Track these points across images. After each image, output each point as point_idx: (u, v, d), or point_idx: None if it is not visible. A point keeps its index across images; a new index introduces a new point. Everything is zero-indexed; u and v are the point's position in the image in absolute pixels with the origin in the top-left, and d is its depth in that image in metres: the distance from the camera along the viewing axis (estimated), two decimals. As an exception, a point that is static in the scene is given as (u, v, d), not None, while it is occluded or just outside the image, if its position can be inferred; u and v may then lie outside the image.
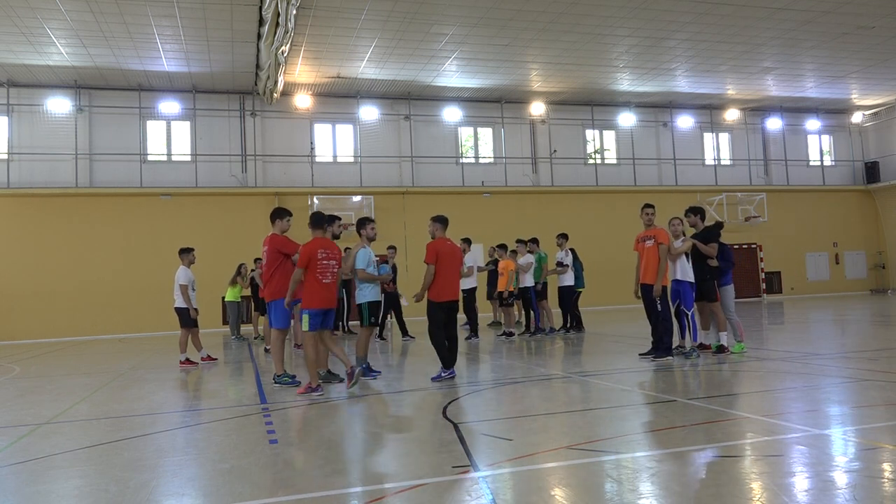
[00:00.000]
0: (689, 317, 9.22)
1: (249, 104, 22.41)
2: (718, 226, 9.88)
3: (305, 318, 7.57)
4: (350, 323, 16.32)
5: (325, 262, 7.66)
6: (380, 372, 8.86)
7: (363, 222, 8.61)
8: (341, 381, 8.20)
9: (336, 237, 8.52)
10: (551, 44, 19.43)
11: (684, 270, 9.20)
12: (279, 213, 8.54)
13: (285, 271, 8.20)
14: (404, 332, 14.27)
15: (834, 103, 27.60)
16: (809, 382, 7.05)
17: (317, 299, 7.58)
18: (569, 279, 13.70)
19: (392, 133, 23.79)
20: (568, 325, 14.08)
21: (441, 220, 8.47)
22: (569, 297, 13.87)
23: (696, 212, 9.83)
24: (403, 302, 13.60)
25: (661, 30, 18.65)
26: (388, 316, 14.18)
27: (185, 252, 11.17)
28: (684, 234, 9.45)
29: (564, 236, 14.02)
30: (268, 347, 12.96)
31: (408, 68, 20.91)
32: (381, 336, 13.94)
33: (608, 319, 18.17)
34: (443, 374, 8.07)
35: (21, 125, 20.69)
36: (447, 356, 8.11)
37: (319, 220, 8.01)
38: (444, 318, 8.17)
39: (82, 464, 4.89)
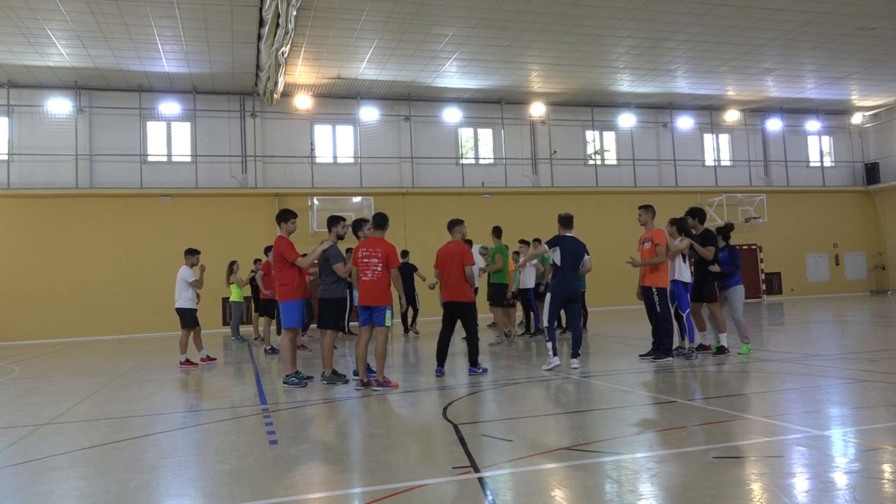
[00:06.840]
0: (685, 318, 9.20)
1: (249, 105, 22.41)
2: (727, 227, 9.83)
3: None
4: (350, 324, 16.29)
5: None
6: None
7: (359, 223, 8.65)
8: (346, 382, 8.22)
9: (340, 238, 8.57)
10: (551, 45, 19.42)
11: (680, 270, 9.18)
12: (284, 216, 8.64)
13: (294, 273, 8.27)
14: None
15: (834, 104, 27.59)
16: (810, 383, 7.05)
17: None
18: None
19: (392, 134, 23.78)
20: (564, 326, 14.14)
21: (448, 224, 8.97)
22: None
23: (695, 214, 9.74)
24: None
25: (661, 31, 18.64)
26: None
27: (192, 253, 11.24)
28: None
29: None
30: (268, 348, 12.99)
31: (408, 69, 20.91)
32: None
33: (608, 320, 18.17)
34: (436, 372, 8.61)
35: (21, 126, 20.68)
36: (440, 354, 8.68)
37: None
38: (447, 318, 8.82)
39: (82, 465, 4.89)
